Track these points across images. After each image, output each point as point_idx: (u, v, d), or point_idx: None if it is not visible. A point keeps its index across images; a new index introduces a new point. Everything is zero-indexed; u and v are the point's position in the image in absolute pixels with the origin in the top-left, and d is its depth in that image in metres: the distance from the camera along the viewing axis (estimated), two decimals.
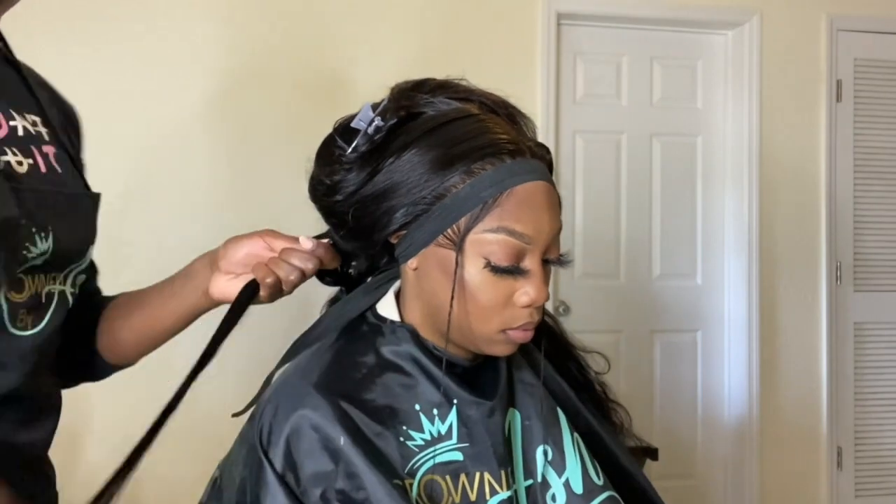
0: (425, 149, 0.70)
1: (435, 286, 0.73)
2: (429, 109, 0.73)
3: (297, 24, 2.55)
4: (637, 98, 2.93)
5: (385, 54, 2.56)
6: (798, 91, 2.91)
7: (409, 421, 0.73)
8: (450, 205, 0.70)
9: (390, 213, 0.72)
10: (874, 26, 2.96)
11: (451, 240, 0.70)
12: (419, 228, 0.72)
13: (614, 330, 2.89)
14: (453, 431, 0.73)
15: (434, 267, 0.72)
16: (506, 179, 0.70)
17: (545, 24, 2.70)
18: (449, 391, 0.74)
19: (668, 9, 2.83)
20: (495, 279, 0.70)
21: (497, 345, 0.74)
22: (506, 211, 0.69)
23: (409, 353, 0.76)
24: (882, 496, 2.98)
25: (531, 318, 0.72)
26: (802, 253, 2.92)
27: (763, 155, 2.88)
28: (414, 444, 0.72)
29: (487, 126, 0.72)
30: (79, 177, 0.84)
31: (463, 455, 0.73)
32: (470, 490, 0.72)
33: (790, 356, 2.92)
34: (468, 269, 0.70)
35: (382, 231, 0.73)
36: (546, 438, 0.79)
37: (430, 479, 0.71)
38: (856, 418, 2.97)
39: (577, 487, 0.77)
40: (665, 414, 2.93)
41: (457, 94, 0.75)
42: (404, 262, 0.75)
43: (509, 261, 0.70)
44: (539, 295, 0.71)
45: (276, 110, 2.48)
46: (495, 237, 0.69)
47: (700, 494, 2.95)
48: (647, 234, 2.92)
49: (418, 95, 0.74)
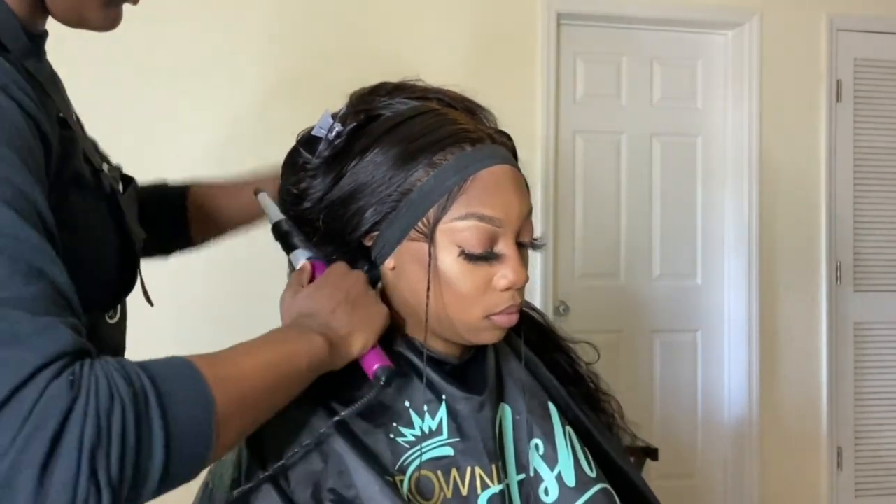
0: (387, 147, 0.71)
1: (413, 282, 0.73)
2: (387, 111, 0.74)
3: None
4: (637, 98, 2.93)
5: (386, 54, 2.56)
6: (798, 91, 2.92)
7: (400, 418, 0.73)
8: (416, 199, 0.71)
9: (359, 215, 0.72)
10: (874, 26, 2.97)
11: (422, 233, 0.71)
12: (390, 227, 0.72)
13: (614, 330, 2.89)
14: (443, 427, 0.73)
15: (409, 263, 0.73)
16: (469, 166, 0.70)
17: (545, 24, 2.70)
18: (438, 387, 0.75)
19: (668, 9, 2.83)
20: (471, 266, 0.71)
21: (483, 332, 0.74)
22: (472, 197, 0.70)
23: (398, 351, 0.76)
24: (882, 496, 2.98)
25: (513, 300, 0.72)
26: (802, 253, 2.92)
27: (763, 155, 2.88)
28: (404, 441, 0.72)
29: (446, 119, 0.73)
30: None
31: (454, 450, 0.73)
32: (461, 484, 0.72)
33: (790, 356, 2.92)
34: (443, 259, 0.71)
35: (354, 233, 0.74)
36: (537, 432, 0.79)
37: (421, 474, 0.71)
38: (856, 418, 2.97)
39: (569, 480, 0.78)
40: (665, 414, 2.93)
41: (414, 94, 0.76)
42: (381, 262, 0.75)
43: (483, 246, 0.70)
44: (518, 277, 0.71)
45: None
46: (465, 224, 0.70)
47: (700, 494, 2.95)
48: (647, 234, 2.92)
49: (376, 98, 0.76)
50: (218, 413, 0.56)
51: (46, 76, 0.71)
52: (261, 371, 0.62)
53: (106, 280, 0.69)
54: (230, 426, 0.58)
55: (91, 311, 0.69)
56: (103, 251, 0.69)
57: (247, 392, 0.60)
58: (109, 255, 0.69)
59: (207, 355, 0.60)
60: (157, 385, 0.53)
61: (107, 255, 0.69)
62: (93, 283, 0.67)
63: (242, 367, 0.61)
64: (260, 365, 0.62)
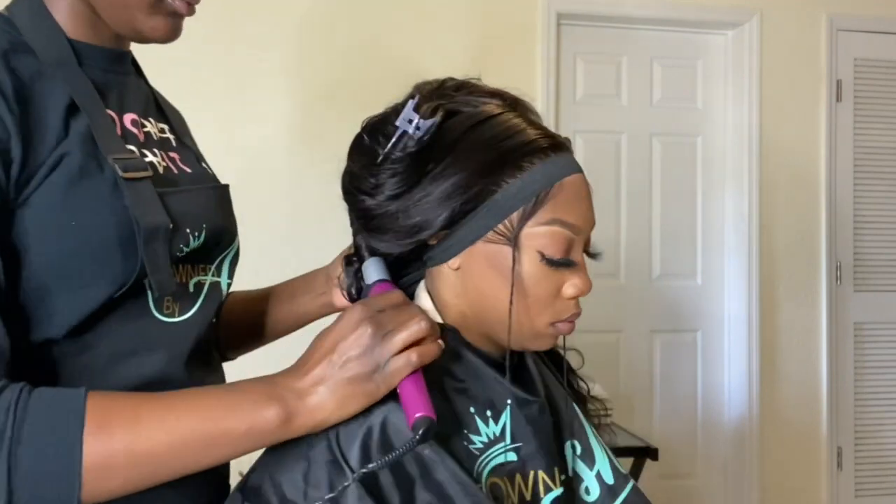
0: (472, 147, 0.70)
1: (483, 284, 0.72)
2: (464, 108, 0.73)
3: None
4: (637, 98, 2.93)
5: (386, 54, 2.57)
6: (798, 91, 2.92)
7: (468, 424, 0.71)
8: (501, 201, 0.70)
9: (436, 213, 0.70)
10: (874, 26, 2.97)
11: (503, 235, 0.70)
12: (465, 227, 0.71)
13: (614, 330, 2.89)
14: (506, 432, 0.72)
15: (481, 264, 0.71)
16: (555, 172, 0.71)
17: (545, 24, 2.70)
18: (506, 391, 0.73)
19: (668, 9, 2.83)
20: (549, 272, 0.71)
21: (543, 339, 0.74)
22: (558, 203, 0.70)
23: (458, 355, 0.74)
24: (882, 496, 2.98)
25: (577, 308, 0.73)
26: (802, 253, 2.92)
27: (763, 155, 2.88)
28: (475, 448, 0.70)
29: (524, 122, 0.73)
30: (211, 173, 0.88)
31: (517, 455, 0.72)
32: (525, 490, 0.71)
33: (790, 356, 2.92)
34: (523, 263, 0.70)
35: (423, 230, 0.71)
36: (572, 432, 0.79)
37: (493, 481, 0.70)
38: (856, 418, 2.97)
39: (608, 478, 0.78)
40: (665, 414, 2.93)
41: (478, 92, 0.76)
42: (442, 262, 0.73)
43: (562, 253, 0.71)
44: (586, 285, 0.72)
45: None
46: (549, 229, 0.70)
47: (700, 494, 2.95)
48: (647, 234, 2.92)
49: (452, 94, 0.74)
50: (88, 471, 0.57)
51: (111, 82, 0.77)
52: (171, 440, 0.60)
53: (109, 261, 0.68)
54: (107, 481, 0.59)
55: (122, 303, 0.70)
56: (99, 237, 0.68)
57: (141, 458, 0.59)
58: (109, 236, 0.68)
59: (118, 404, 0.61)
60: (18, 430, 0.56)
61: (106, 237, 0.68)
62: (96, 264, 0.68)
63: (148, 431, 0.60)
64: (177, 432, 0.60)
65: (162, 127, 0.84)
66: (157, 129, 0.82)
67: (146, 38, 0.76)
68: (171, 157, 0.81)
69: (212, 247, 0.80)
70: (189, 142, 0.88)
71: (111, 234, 0.68)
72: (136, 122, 0.78)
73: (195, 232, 0.76)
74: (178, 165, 0.81)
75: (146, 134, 0.79)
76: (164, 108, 0.87)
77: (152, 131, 0.81)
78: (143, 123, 0.79)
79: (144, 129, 0.79)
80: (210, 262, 0.82)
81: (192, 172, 0.83)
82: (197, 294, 0.79)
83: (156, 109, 0.85)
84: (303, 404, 0.64)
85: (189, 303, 0.78)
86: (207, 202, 0.80)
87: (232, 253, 0.86)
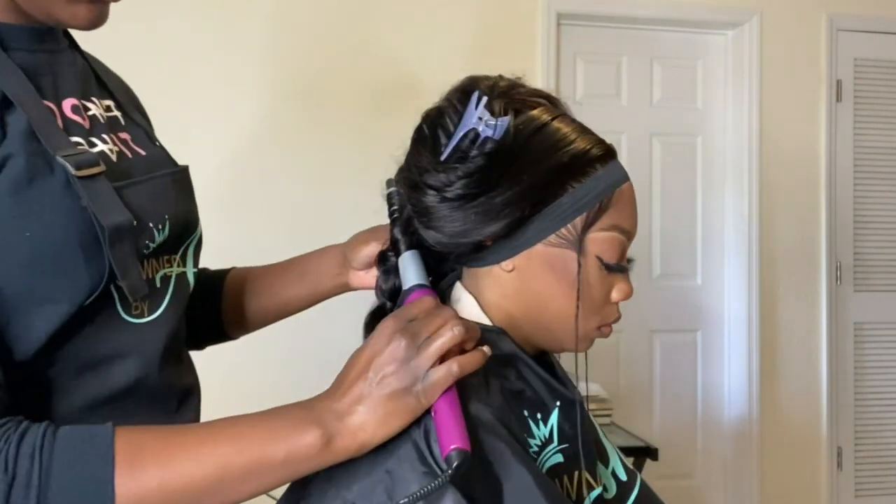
0: (540, 151, 0.70)
1: (540, 286, 0.72)
2: (524, 108, 0.72)
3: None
4: (637, 98, 2.93)
5: (386, 54, 2.57)
6: (798, 91, 2.92)
7: (525, 428, 0.71)
8: (566, 204, 0.70)
9: (502, 216, 0.69)
10: (874, 26, 2.97)
11: (565, 239, 0.71)
12: (525, 229, 0.70)
13: (614, 330, 2.87)
14: (554, 434, 0.72)
15: (540, 267, 0.71)
16: (615, 179, 0.72)
17: (545, 24, 2.70)
18: (555, 393, 0.73)
19: (668, 9, 2.83)
20: (604, 276, 0.72)
21: (586, 342, 0.75)
22: (618, 210, 0.72)
23: (509, 358, 0.73)
24: (882, 496, 2.98)
25: (619, 313, 0.76)
26: (802, 253, 2.92)
27: (763, 155, 2.88)
28: (532, 452, 0.70)
29: (583, 126, 0.75)
30: (165, 153, 0.81)
31: (563, 456, 0.72)
32: (571, 490, 0.72)
33: (790, 356, 2.92)
34: (585, 267, 0.71)
35: (481, 231, 0.70)
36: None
37: None
38: (856, 418, 2.97)
39: (621, 475, 0.80)
40: (665, 414, 2.93)
41: (525, 91, 0.76)
42: (495, 262, 0.72)
43: (618, 258, 0.72)
44: (631, 290, 0.75)
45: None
46: (609, 235, 0.71)
47: (700, 494, 2.95)
48: (647, 234, 2.92)
49: (510, 92, 0.74)
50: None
51: (42, 64, 0.70)
52: (206, 473, 0.58)
53: (71, 269, 0.63)
54: None
55: (87, 311, 0.65)
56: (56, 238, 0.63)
57: (176, 494, 0.57)
58: (68, 242, 0.63)
59: (148, 438, 0.59)
60: (45, 478, 0.54)
61: (65, 243, 0.63)
62: (57, 275, 0.63)
63: (181, 466, 0.57)
64: (211, 464, 0.58)
65: (108, 104, 0.77)
66: (103, 107, 0.76)
67: (67, 26, 0.69)
68: (122, 140, 0.75)
69: (176, 237, 0.76)
70: (139, 118, 0.82)
71: (70, 239, 0.63)
72: (77, 107, 0.71)
73: (159, 225, 0.71)
74: (132, 147, 0.75)
75: (91, 118, 0.72)
76: (107, 80, 0.80)
77: (97, 113, 0.74)
78: (85, 107, 0.72)
79: (89, 113, 0.72)
80: (175, 253, 0.77)
81: (147, 155, 0.76)
82: (164, 289, 0.75)
83: (97, 85, 0.78)
84: (343, 425, 0.60)
85: (157, 300, 0.73)
86: (167, 191, 0.75)
87: (195, 240, 0.81)
